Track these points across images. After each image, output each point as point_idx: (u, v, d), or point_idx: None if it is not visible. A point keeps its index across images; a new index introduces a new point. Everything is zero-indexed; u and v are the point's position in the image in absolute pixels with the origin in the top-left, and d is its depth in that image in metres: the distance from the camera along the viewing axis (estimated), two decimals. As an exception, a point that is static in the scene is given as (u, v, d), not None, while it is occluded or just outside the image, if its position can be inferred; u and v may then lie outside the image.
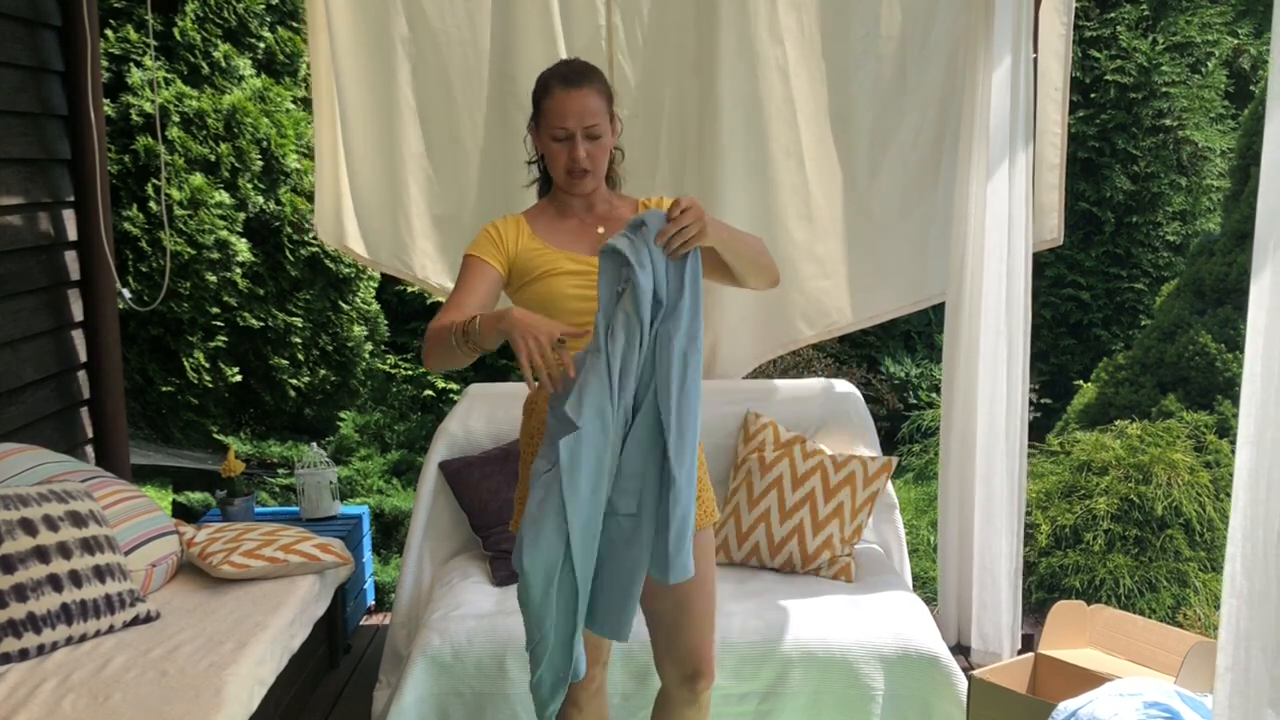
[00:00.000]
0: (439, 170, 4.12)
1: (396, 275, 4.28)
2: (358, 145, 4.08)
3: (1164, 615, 4.34)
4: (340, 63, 4.00)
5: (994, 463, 3.86)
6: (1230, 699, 1.74)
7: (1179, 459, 4.74)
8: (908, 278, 4.16)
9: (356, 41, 3.99)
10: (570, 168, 2.58)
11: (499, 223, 2.67)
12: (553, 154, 2.60)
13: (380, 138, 4.07)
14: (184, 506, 5.42)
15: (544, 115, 2.58)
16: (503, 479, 3.75)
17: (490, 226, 2.67)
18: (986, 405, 3.85)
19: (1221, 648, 1.75)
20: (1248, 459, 1.74)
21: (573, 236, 2.65)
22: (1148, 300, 7.08)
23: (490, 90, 4.04)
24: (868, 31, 3.97)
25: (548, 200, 2.72)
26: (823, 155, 4.06)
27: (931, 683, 3.19)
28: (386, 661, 3.70)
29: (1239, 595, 1.72)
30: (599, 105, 2.56)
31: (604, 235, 2.62)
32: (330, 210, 4.16)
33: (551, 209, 2.70)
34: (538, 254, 2.61)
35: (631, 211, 2.67)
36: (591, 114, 2.55)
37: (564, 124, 2.55)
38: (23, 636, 2.82)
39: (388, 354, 6.71)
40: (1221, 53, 7.49)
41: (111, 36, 5.24)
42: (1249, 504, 1.73)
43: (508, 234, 2.64)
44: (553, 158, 2.60)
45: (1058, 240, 4.07)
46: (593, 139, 2.57)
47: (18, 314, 3.77)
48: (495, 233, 2.64)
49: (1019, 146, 3.77)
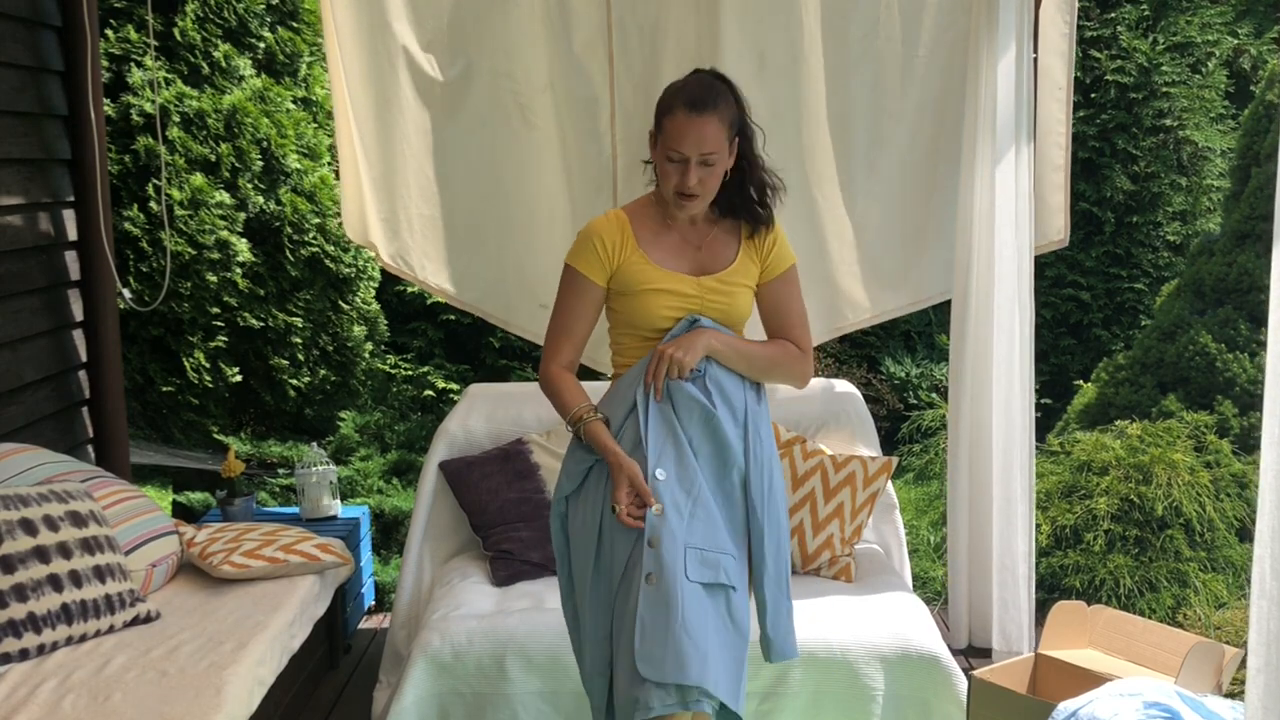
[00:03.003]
0: (438, 171, 4.12)
1: (400, 275, 4.29)
2: (365, 146, 4.09)
3: (1164, 615, 4.34)
4: (347, 65, 4.01)
5: (1010, 462, 3.87)
6: (1264, 700, 1.73)
7: (1179, 459, 4.73)
8: (909, 278, 4.17)
9: (358, 43, 3.99)
10: (680, 189, 2.57)
11: (603, 228, 2.65)
12: (665, 172, 2.59)
13: (383, 139, 4.07)
14: (184, 506, 5.41)
15: (663, 132, 2.57)
16: (503, 479, 3.74)
17: (594, 234, 2.64)
18: (1002, 404, 3.85)
19: (1252, 650, 1.74)
20: (1274, 460, 1.72)
21: (673, 254, 2.65)
22: (1148, 300, 7.07)
23: (488, 89, 4.04)
24: (867, 32, 3.97)
25: (653, 198, 2.70)
26: (823, 156, 4.06)
27: (931, 683, 3.19)
28: (386, 661, 3.70)
29: (1268, 597, 1.70)
30: (719, 134, 2.54)
31: (702, 255, 2.66)
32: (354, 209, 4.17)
33: (657, 213, 2.69)
34: (639, 269, 2.62)
35: (734, 238, 2.71)
36: (709, 142, 2.53)
37: (680, 148, 2.54)
38: (23, 636, 2.82)
39: (388, 354, 6.70)
40: (1222, 53, 7.49)
41: (111, 36, 5.24)
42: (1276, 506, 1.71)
43: (611, 242, 2.62)
44: (664, 175, 2.60)
45: (1064, 241, 4.07)
46: (707, 166, 2.56)
47: (18, 314, 3.77)
48: (600, 243, 2.63)
49: (1022, 146, 3.77)
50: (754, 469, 2.62)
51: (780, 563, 2.65)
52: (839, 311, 4.21)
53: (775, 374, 2.73)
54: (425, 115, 4.06)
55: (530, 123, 4.03)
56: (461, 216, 4.17)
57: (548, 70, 3.99)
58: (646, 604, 2.45)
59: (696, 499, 2.55)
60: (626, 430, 2.60)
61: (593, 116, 4.03)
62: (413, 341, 6.89)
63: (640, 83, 3.98)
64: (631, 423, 2.59)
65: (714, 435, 2.58)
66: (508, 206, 4.13)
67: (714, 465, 2.60)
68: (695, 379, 2.60)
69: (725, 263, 2.68)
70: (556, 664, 3.13)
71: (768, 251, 2.72)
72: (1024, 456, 3.88)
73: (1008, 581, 3.90)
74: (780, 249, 2.73)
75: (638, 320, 2.64)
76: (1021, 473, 3.88)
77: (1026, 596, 3.91)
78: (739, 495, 2.62)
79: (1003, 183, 3.78)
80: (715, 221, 2.70)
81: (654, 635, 2.44)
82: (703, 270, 2.67)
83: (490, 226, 4.17)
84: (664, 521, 2.50)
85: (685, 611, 2.45)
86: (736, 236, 2.71)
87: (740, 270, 2.68)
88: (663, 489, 2.52)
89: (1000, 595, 3.92)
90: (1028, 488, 3.89)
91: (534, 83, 4.00)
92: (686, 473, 2.55)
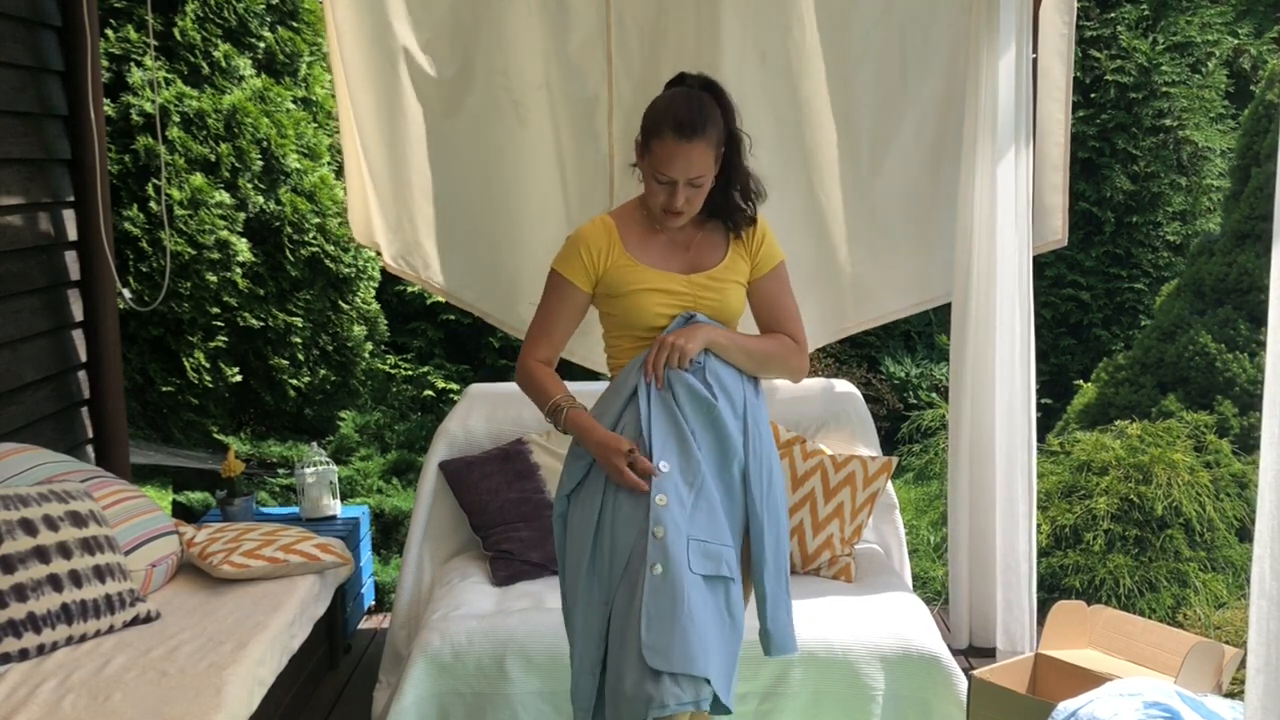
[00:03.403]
0: (438, 171, 4.11)
1: (401, 275, 4.29)
2: (367, 147, 4.09)
3: (1164, 615, 4.34)
4: (348, 65, 4.00)
5: (1012, 463, 3.87)
6: (1263, 700, 1.72)
7: (1179, 459, 4.73)
8: (911, 278, 4.16)
9: (360, 43, 3.98)
10: (668, 208, 2.60)
11: (589, 234, 2.67)
12: (652, 190, 2.62)
13: (384, 139, 4.07)
14: (184, 506, 5.41)
15: (651, 154, 2.59)
16: (503, 479, 3.74)
17: (581, 241, 2.67)
18: (1004, 405, 3.86)
19: (1252, 649, 1.74)
20: (1274, 460, 1.72)
21: (662, 255, 2.67)
22: (1148, 300, 7.07)
23: (486, 87, 4.03)
24: (868, 32, 3.97)
25: (640, 203, 2.72)
26: (825, 156, 4.05)
27: (931, 683, 3.19)
28: (386, 661, 3.70)
29: (1268, 597, 1.70)
30: (706, 157, 2.56)
31: (691, 255, 2.68)
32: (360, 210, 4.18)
33: (644, 216, 2.71)
34: (627, 270, 2.64)
35: (722, 237, 2.73)
36: (697, 167, 2.55)
37: (668, 173, 2.56)
38: (23, 636, 2.82)
39: (388, 354, 6.71)
40: (1221, 53, 7.49)
41: (111, 36, 5.24)
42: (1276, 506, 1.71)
43: (597, 248, 2.65)
44: (651, 193, 2.62)
45: (1062, 241, 4.07)
46: (694, 187, 2.58)
47: (18, 314, 3.77)
48: (586, 249, 2.65)
49: (1021, 146, 3.77)
50: (754, 462, 2.63)
51: (780, 557, 2.66)
52: (842, 313, 4.21)
53: (773, 367, 2.75)
54: (426, 114, 4.06)
55: (526, 121, 4.03)
56: (461, 216, 4.16)
57: (544, 69, 3.99)
58: (653, 595, 2.45)
59: (699, 491, 2.56)
60: (627, 422, 2.61)
61: (590, 115, 4.02)
62: (413, 341, 6.90)
63: (639, 82, 3.97)
64: (632, 413, 2.61)
65: (714, 426, 2.59)
66: (505, 205, 4.13)
67: (715, 457, 2.61)
68: (695, 371, 2.61)
69: (715, 261, 2.70)
70: (556, 664, 3.13)
71: (756, 248, 2.74)
72: (1026, 456, 3.88)
73: (1011, 581, 3.91)
74: (768, 246, 2.76)
75: (632, 319, 2.66)
76: (1023, 473, 3.88)
77: (1029, 596, 3.91)
78: (739, 488, 2.63)
79: (1003, 183, 3.78)
80: (701, 224, 2.72)
81: (660, 626, 2.44)
82: (693, 268, 2.69)
83: (489, 226, 4.16)
84: (668, 512, 2.50)
85: (690, 603, 2.46)
86: (724, 235, 2.73)
87: (730, 267, 2.70)
88: (666, 481, 2.53)
89: (1003, 595, 3.92)
90: (1030, 488, 3.90)
91: (530, 81, 4.00)
92: (690, 464, 2.56)
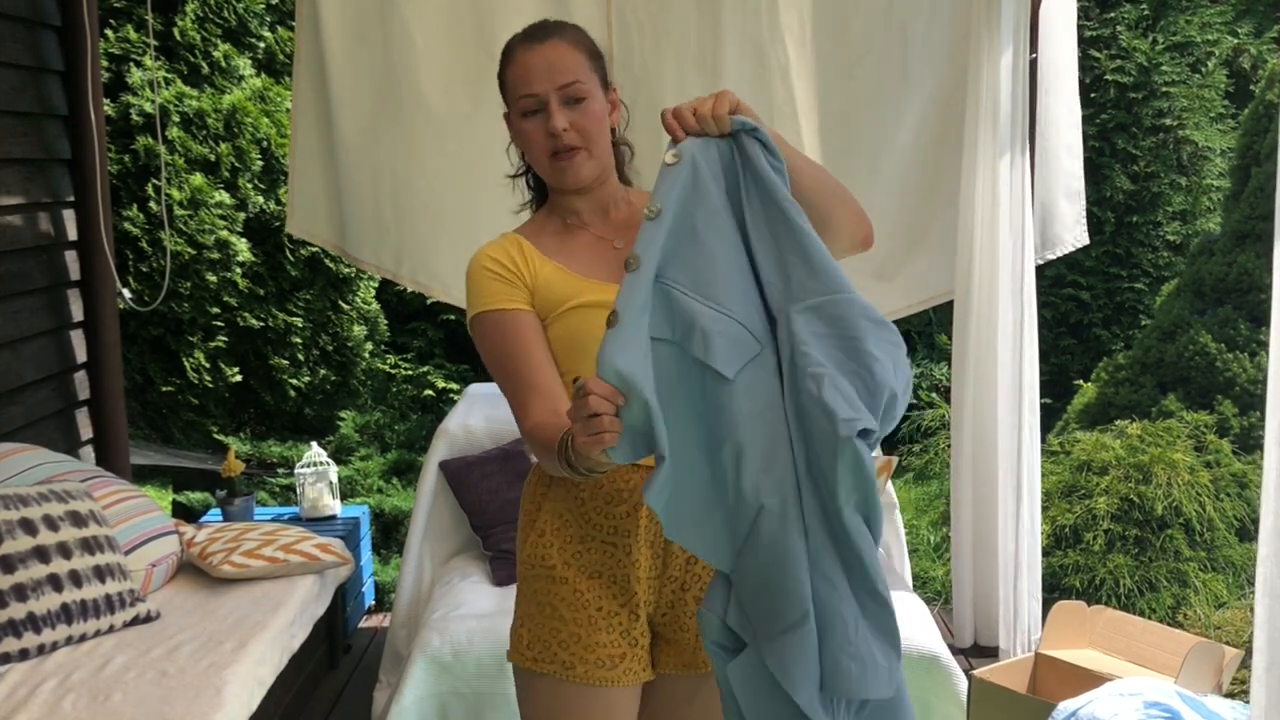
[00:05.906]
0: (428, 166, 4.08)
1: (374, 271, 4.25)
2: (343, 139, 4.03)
3: (1164, 615, 4.34)
4: (326, 56, 3.95)
5: (1016, 463, 3.87)
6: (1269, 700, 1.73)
7: (1179, 459, 4.74)
8: (911, 278, 4.16)
9: (344, 34, 3.95)
10: (553, 146, 1.93)
11: (491, 251, 2.00)
12: (528, 137, 1.97)
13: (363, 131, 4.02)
14: (184, 506, 5.42)
15: (509, 90, 1.99)
16: (503, 479, 3.74)
17: (487, 261, 1.98)
18: (1006, 405, 3.85)
19: (1257, 649, 1.74)
20: (1277, 460, 1.72)
21: (589, 258, 2.00)
22: (1148, 300, 7.08)
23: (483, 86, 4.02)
24: (868, 32, 3.97)
25: (545, 212, 2.08)
26: (823, 156, 4.05)
27: (931, 683, 3.19)
28: (386, 661, 3.70)
29: (1274, 596, 1.70)
30: (576, 61, 1.94)
31: (623, 251, 1.95)
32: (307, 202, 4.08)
33: (553, 223, 2.05)
34: (559, 283, 1.96)
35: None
36: (565, 70, 1.93)
37: (530, 88, 1.93)
38: (23, 636, 2.82)
39: (388, 354, 6.71)
40: (1221, 53, 7.49)
41: (111, 36, 5.24)
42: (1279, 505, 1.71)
43: (509, 259, 1.98)
44: (529, 142, 1.97)
45: (1083, 240, 4.13)
46: (574, 102, 1.93)
47: (18, 314, 3.77)
48: (499, 268, 1.97)
49: (1021, 147, 3.77)
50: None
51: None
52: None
53: (840, 191, 1.99)
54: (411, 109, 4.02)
55: None
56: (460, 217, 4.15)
57: None
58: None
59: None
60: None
61: None
62: (413, 341, 6.90)
63: (639, 81, 3.97)
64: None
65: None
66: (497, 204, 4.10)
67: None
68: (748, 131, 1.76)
69: None
70: (556, 664, 3.12)
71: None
72: (1030, 456, 3.88)
73: (1015, 581, 3.91)
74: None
75: (574, 346, 1.93)
76: (1028, 472, 3.88)
77: (1033, 595, 3.91)
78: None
79: (1004, 183, 3.78)
80: (629, 201, 2.06)
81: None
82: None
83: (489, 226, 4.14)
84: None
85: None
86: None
87: None
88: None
89: (1007, 595, 3.92)
90: (1033, 487, 3.90)
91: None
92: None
